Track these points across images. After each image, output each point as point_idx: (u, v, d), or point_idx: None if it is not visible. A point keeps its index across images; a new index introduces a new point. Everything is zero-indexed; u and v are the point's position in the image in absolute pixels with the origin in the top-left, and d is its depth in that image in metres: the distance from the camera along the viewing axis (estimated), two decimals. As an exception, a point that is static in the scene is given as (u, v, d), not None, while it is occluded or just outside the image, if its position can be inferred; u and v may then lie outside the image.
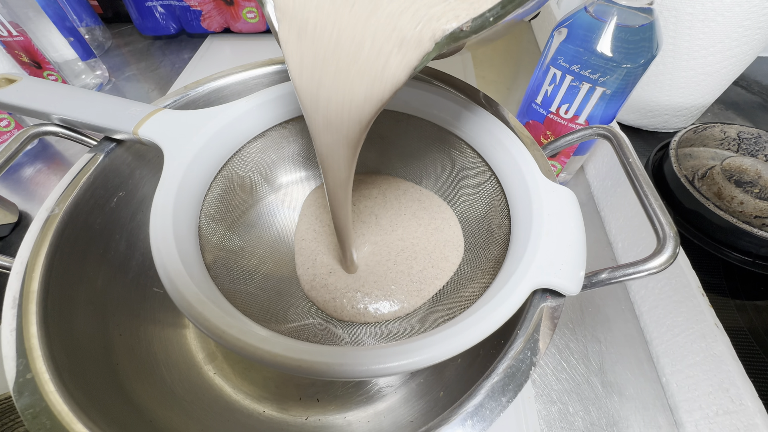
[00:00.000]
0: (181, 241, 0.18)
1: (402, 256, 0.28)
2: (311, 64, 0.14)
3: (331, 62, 0.14)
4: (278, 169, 0.30)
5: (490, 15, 0.11)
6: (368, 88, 0.14)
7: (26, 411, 0.15)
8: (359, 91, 0.14)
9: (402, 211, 0.31)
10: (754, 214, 0.34)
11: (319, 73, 0.14)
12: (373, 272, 0.28)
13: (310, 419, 0.25)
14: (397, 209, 0.31)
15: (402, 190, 0.32)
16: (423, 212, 0.30)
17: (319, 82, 0.14)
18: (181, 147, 0.22)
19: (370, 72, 0.13)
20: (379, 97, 0.14)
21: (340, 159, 0.17)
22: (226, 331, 0.15)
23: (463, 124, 0.25)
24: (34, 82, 0.25)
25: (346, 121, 0.15)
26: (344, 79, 0.14)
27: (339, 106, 0.15)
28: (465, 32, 0.12)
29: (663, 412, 0.27)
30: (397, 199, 0.31)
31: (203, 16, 0.58)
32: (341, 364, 0.14)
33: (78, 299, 0.22)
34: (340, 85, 0.14)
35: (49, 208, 0.22)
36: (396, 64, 0.13)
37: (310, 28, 0.14)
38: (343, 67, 0.14)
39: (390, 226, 0.30)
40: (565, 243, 0.18)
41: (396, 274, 0.28)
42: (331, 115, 0.15)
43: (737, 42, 0.36)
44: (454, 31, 0.12)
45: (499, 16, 0.11)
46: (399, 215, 0.31)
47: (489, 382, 0.16)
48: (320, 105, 0.15)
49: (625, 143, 0.22)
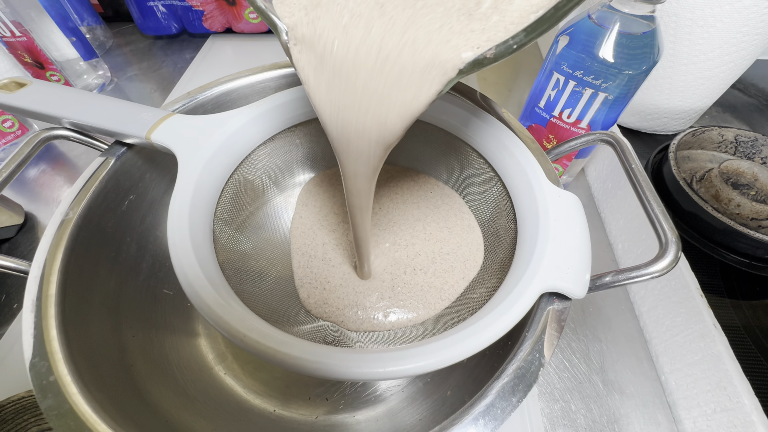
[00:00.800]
0: (198, 246, 0.19)
1: (418, 260, 0.28)
2: (332, 92, 0.14)
3: (351, 91, 0.14)
4: (286, 172, 0.30)
5: (514, 42, 0.11)
6: (392, 115, 0.14)
7: (51, 412, 0.16)
8: (383, 118, 0.14)
9: (419, 210, 0.30)
10: (750, 216, 0.34)
11: (341, 101, 0.14)
12: (388, 278, 0.27)
13: (319, 418, 0.25)
14: (414, 208, 0.30)
15: (424, 187, 0.31)
16: (443, 213, 0.29)
17: (339, 108, 0.15)
18: (194, 152, 0.22)
19: (394, 100, 0.14)
20: (402, 124, 0.14)
21: (362, 178, 0.18)
22: (247, 334, 0.15)
23: (469, 129, 0.25)
24: (45, 86, 0.25)
25: (369, 144, 0.15)
26: (367, 106, 0.14)
27: (360, 133, 0.15)
28: (488, 59, 0.12)
29: (662, 410, 0.28)
30: (414, 196, 0.31)
31: (205, 16, 0.58)
32: (359, 366, 0.15)
33: (92, 302, 0.22)
34: (362, 112, 0.14)
35: (63, 212, 0.22)
36: (418, 92, 0.13)
37: (329, 57, 0.14)
38: (366, 94, 0.14)
39: (407, 227, 0.30)
40: (572, 247, 0.19)
41: (412, 282, 0.27)
42: (352, 138, 0.15)
43: (735, 47, 0.37)
44: (477, 58, 0.12)
45: (523, 43, 0.11)
46: (415, 216, 0.30)
47: (499, 383, 0.16)
48: (342, 130, 0.15)
49: (628, 149, 0.23)
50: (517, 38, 0.11)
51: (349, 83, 0.14)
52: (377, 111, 0.14)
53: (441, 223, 0.29)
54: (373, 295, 0.26)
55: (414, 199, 0.31)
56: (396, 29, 0.13)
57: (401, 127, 0.14)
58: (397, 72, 0.13)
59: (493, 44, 0.12)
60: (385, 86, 0.13)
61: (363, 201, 0.20)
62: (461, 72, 0.12)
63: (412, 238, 0.29)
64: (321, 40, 0.14)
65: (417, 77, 0.13)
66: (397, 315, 0.26)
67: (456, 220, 0.29)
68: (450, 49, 0.12)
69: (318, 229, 0.30)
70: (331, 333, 0.21)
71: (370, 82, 0.13)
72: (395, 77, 0.13)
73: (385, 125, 0.14)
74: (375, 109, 0.14)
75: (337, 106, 0.15)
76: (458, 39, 0.12)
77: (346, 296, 0.26)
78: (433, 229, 0.29)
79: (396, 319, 0.26)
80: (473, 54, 0.12)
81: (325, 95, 0.15)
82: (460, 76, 0.13)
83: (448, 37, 0.12)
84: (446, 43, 0.12)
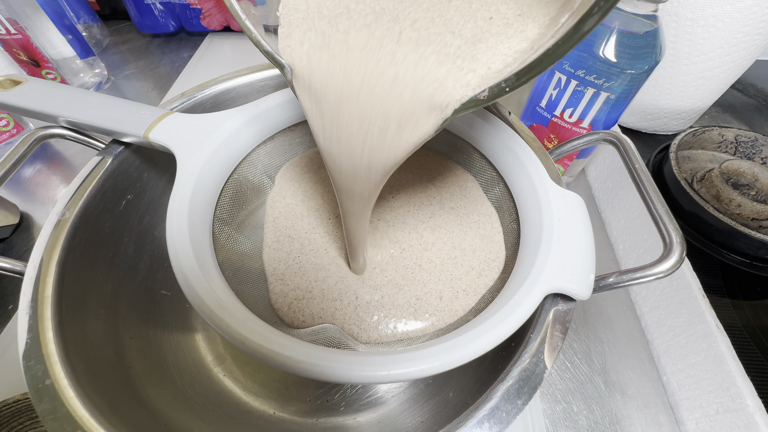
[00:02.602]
0: (197, 246, 0.18)
1: (426, 258, 0.24)
2: (334, 129, 0.15)
3: (347, 130, 0.15)
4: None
5: (506, 86, 0.12)
6: (392, 150, 0.15)
7: (47, 416, 0.15)
8: (382, 154, 0.15)
9: (435, 202, 0.27)
10: (751, 216, 0.34)
11: (339, 136, 0.15)
12: (391, 281, 0.24)
13: (320, 420, 0.25)
14: (428, 201, 0.27)
15: (442, 174, 0.27)
16: (461, 206, 0.26)
17: (338, 142, 0.16)
18: (193, 152, 0.22)
19: (394, 139, 0.14)
20: (401, 156, 0.15)
21: (361, 199, 0.18)
22: (248, 337, 0.15)
23: (471, 129, 0.25)
24: (41, 84, 0.25)
25: (367, 174, 0.17)
26: (367, 143, 0.15)
27: (358, 166, 0.16)
28: (482, 100, 0.12)
29: (664, 411, 0.28)
30: (430, 184, 0.27)
31: (203, 14, 0.57)
32: (362, 370, 0.15)
33: (89, 303, 0.22)
34: (358, 149, 0.15)
35: (59, 211, 0.22)
36: (416, 131, 0.14)
37: (327, 98, 0.15)
38: (368, 132, 0.15)
39: (419, 220, 0.26)
40: (576, 248, 0.19)
41: (420, 284, 0.24)
42: (347, 171, 0.16)
43: (736, 47, 0.37)
44: (472, 98, 0.12)
45: (514, 86, 0.12)
46: (432, 210, 0.26)
47: (504, 386, 0.16)
48: (342, 163, 0.16)
49: (632, 149, 0.23)
50: (509, 81, 0.12)
51: (349, 122, 0.15)
52: (381, 148, 0.15)
53: (456, 226, 0.26)
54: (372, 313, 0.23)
55: (433, 193, 0.27)
56: (398, 70, 0.13)
57: (400, 159, 0.15)
58: (402, 114, 0.14)
59: (487, 86, 0.12)
60: (390, 127, 0.14)
61: (359, 224, 0.20)
62: (456, 111, 0.13)
63: (422, 238, 0.26)
64: (322, 86, 0.15)
65: (417, 118, 0.14)
66: (405, 327, 0.23)
67: (478, 221, 0.26)
68: (447, 89, 0.13)
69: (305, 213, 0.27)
70: (333, 335, 0.21)
71: (375, 121, 0.14)
72: (400, 120, 0.14)
73: (386, 158, 0.15)
74: (379, 147, 0.15)
75: (336, 139, 0.16)
76: (450, 82, 0.13)
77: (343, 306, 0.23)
78: (449, 230, 0.26)
79: (403, 330, 0.22)
80: (468, 95, 0.13)
81: (329, 135, 0.16)
82: (456, 115, 0.13)
83: (444, 77, 0.13)
84: (443, 81, 0.13)
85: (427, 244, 0.25)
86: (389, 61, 0.13)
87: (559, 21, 0.12)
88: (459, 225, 0.26)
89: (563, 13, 0.12)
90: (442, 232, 0.26)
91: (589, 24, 0.09)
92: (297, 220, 0.27)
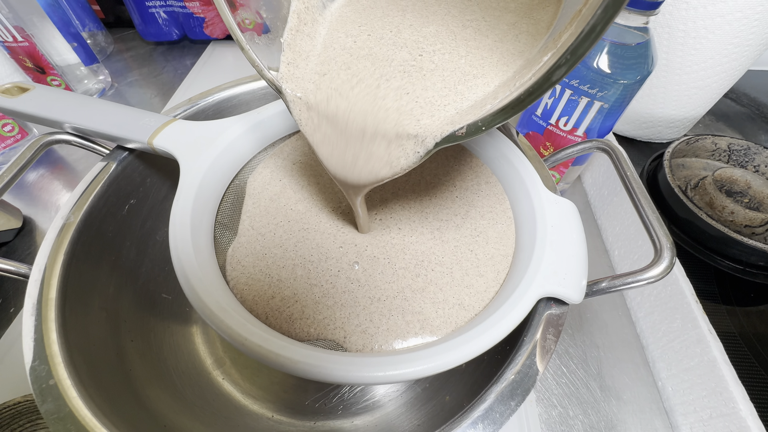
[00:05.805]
0: (199, 250, 0.19)
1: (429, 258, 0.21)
2: (332, 152, 0.18)
3: (346, 152, 0.17)
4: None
5: (482, 124, 0.13)
6: (380, 171, 0.17)
7: (50, 416, 0.15)
8: (372, 172, 0.17)
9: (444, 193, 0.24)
10: (744, 223, 0.35)
11: (336, 156, 0.18)
12: (379, 287, 0.21)
13: (318, 423, 0.25)
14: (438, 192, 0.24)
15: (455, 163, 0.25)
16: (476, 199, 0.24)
17: (336, 161, 0.18)
18: (196, 158, 0.22)
19: (383, 162, 0.16)
20: (388, 176, 0.17)
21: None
22: (248, 338, 0.15)
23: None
24: (47, 90, 0.26)
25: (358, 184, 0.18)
26: (359, 165, 0.17)
27: (353, 179, 0.18)
28: (460, 136, 0.14)
29: (659, 415, 0.28)
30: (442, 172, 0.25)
31: (206, 22, 0.58)
32: (359, 371, 0.15)
33: (92, 306, 0.22)
34: (356, 169, 0.17)
35: (64, 215, 0.22)
36: (403, 158, 0.16)
37: (326, 130, 0.17)
38: (360, 156, 0.17)
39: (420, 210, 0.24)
40: (568, 253, 0.19)
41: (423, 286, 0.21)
42: (341, 180, 0.19)
43: (727, 58, 0.37)
44: (451, 134, 0.14)
45: (489, 125, 0.13)
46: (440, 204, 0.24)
47: (498, 387, 0.16)
48: (340, 176, 0.18)
49: (623, 157, 0.23)
50: (485, 120, 0.13)
51: (348, 152, 0.17)
52: (369, 169, 0.17)
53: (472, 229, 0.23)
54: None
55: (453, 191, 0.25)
56: (386, 106, 0.16)
57: (387, 178, 0.17)
58: (391, 145, 0.16)
59: (465, 123, 0.14)
60: (379, 153, 0.16)
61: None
62: (437, 144, 0.15)
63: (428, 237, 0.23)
64: (324, 108, 0.17)
65: (404, 146, 0.16)
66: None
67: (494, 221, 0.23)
68: (432, 126, 0.15)
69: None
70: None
71: (366, 148, 0.17)
72: (390, 149, 0.16)
73: (374, 176, 0.17)
74: (370, 168, 0.17)
75: (334, 162, 0.18)
76: (432, 120, 0.15)
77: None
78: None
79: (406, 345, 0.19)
80: (449, 130, 0.14)
81: (329, 157, 0.18)
82: (437, 147, 0.15)
83: (429, 113, 0.15)
84: (429, 117, 0.15)
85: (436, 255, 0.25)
86: (378, 104, 0.16)
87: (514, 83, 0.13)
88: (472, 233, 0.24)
89: (517, 78, 0.14)
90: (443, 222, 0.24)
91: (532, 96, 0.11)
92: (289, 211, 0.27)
